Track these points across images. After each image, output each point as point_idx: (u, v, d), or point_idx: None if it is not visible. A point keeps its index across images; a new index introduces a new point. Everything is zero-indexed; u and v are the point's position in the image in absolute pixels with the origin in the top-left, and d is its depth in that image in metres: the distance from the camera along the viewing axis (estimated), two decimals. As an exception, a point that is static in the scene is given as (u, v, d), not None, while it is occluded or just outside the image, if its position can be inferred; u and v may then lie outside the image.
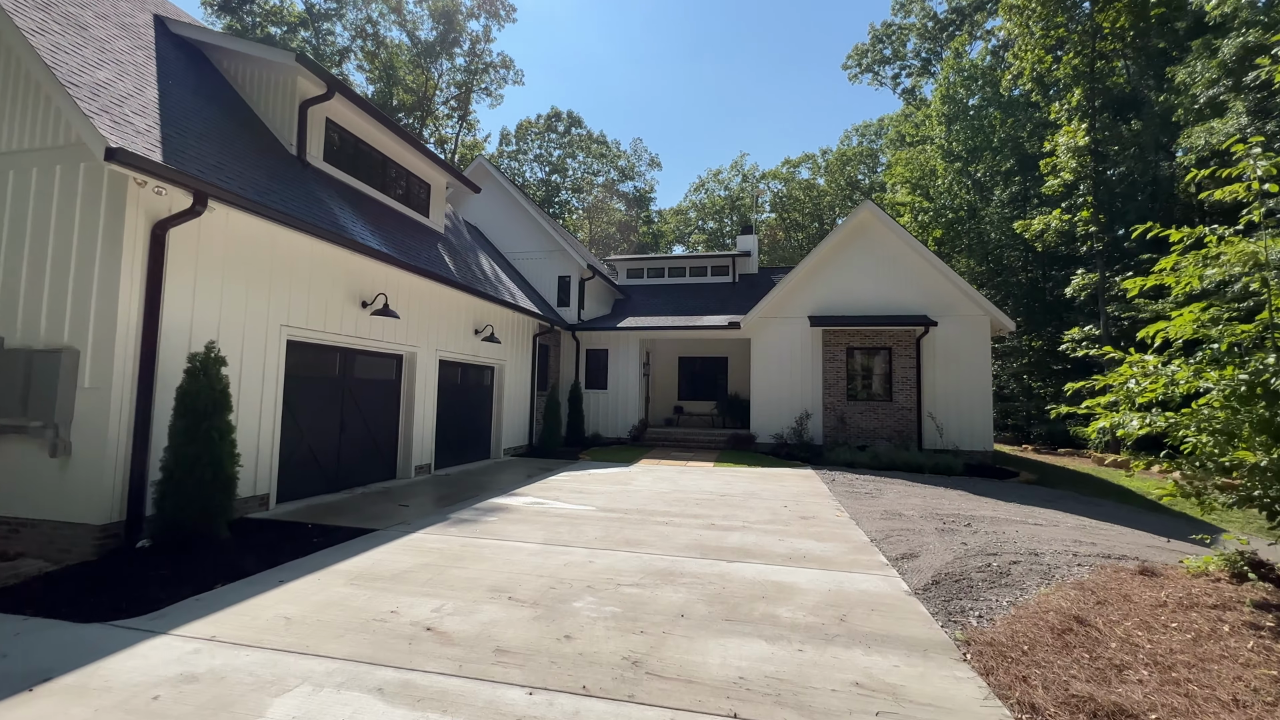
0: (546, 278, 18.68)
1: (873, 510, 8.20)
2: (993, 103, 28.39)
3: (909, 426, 15.35)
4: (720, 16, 68.02)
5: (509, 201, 19.28)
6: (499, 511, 7.33)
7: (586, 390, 17.88)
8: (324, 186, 8.68)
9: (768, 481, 10.63)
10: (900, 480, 11.36)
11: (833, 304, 16.37)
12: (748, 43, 69.79)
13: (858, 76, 42.35)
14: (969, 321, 15.59)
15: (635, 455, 14.27)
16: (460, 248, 13.12)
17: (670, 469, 12.03)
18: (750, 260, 23.05)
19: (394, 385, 9.72)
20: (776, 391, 16.42)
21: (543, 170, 47.96)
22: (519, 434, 14.17)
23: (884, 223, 16.20)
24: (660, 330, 17.59)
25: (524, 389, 14.42)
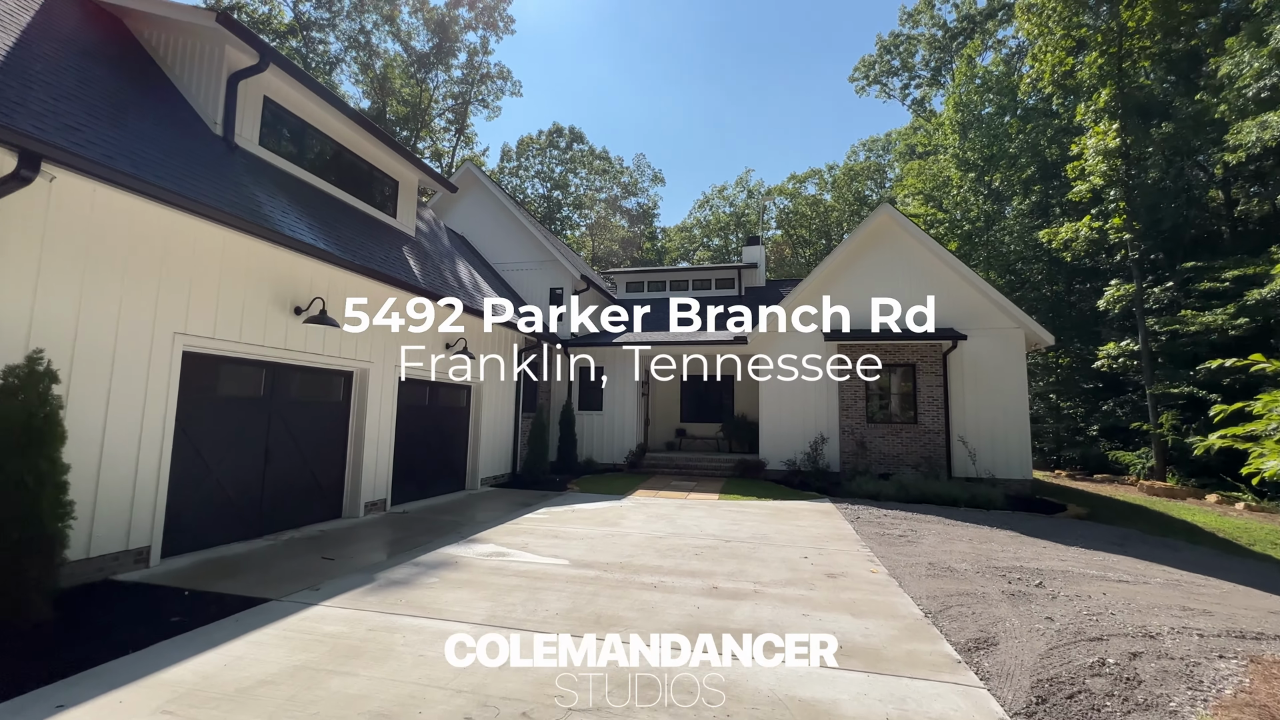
0: (538, 290, 17.33)
1: (914, 562, 6.62)
2: (1009, 110, 27.16)
3: (937, 452, 13.74)
4: (722, 36, 67.89)
5: (498, 210, 18.04)
6: (445, 568, 5.80)
7: (580, 412, 16.39)
8: (254, 173, 7.35)
9: (781, 520, 9.04)
10: (935, 517, 9.75)
11: (850, 314, 14.87)
12: (751, 62, 69.52)
13: (865, 89, 41.39)
14: (1001, 335, 14.06)
15: (630, 485, 12.71)
16: (435, 254, 11.77)
17: (669, 502, 10.46)
18: (757, 272, 21.67)
19: (340, 408, 8.27)
20: (788, 413, 14.87)
21: (544, 186, 47.10)
22: (500, 461, 12.66)
23: (904, 227, 14.79)
24: (659, 345, 16.13)
25: (506, 411, 12.95)
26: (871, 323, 14.67)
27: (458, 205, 18.39)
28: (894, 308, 14.64)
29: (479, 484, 11.63)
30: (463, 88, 31.04)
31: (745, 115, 72.70)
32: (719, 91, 72.35)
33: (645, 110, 73.17)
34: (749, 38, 67.30)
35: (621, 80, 72.58)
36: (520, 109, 64.80)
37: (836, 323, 14.87)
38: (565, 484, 12.74)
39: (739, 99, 71.92)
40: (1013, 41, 33.26)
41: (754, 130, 73.60)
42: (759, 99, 71.42)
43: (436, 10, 28.04)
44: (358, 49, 26.53)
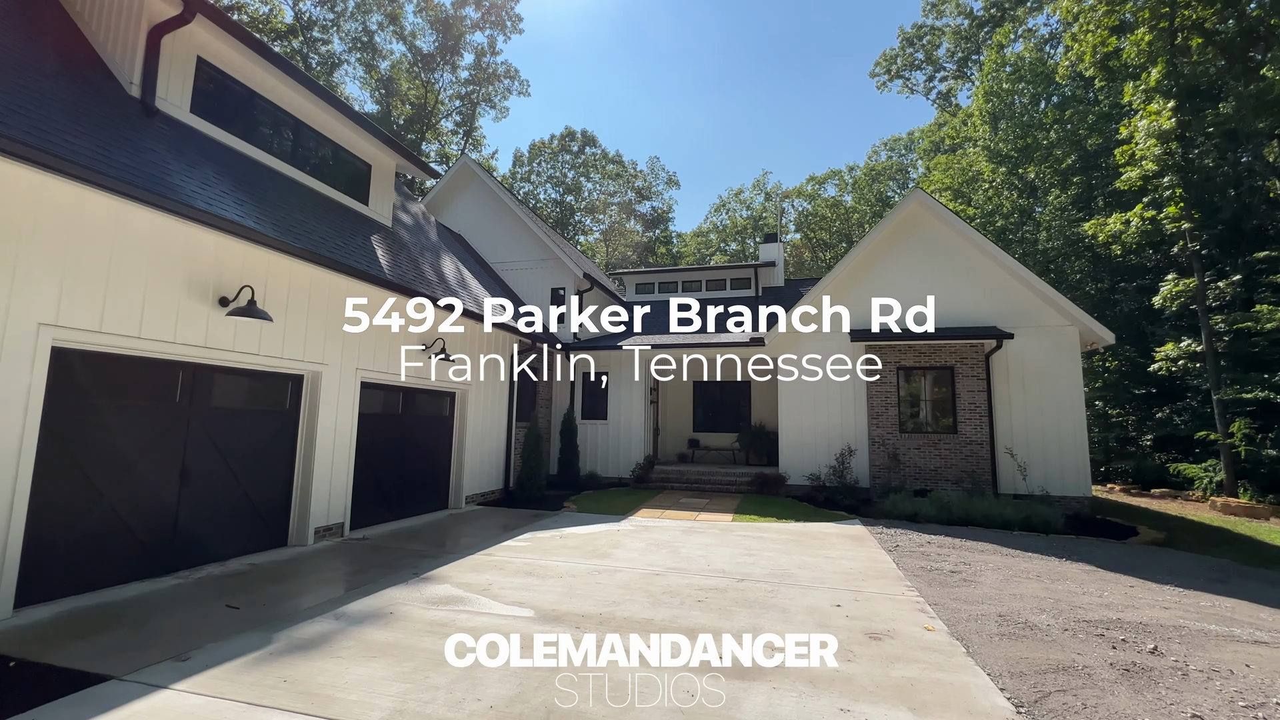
0: (538, 290, 16.16)
1: (979, 612, 5.18)
2: (1043, 97, 25.47)
3: (980, 465, 12.18)
4: (734, 42, 66.80)
5: (496, 206, 16.95)
6: (372, 623, 4.54)
7: (583, 421, 15.13)
8: (176, 141, 6.25)
9: (806, 549, 7.63)
10: (988, 545, 8.25)
11: (879, 313, 13.40)
12: (765, 68, 68.26)
13: (886, 84, 39.87)
14: (1053, 334, 12.48)
15: (634, 503, 11.38)
16: (416, 247, 10.65)
17: (674, 525, 9.11)
18: (775, 271, 20.27)
19: (286, 417, 7.10)
20: (810, 422, 13.43)
21: (557, 192, 46.25)
22: (490, 476, 11.43)
23: (938, 215, 13.32)
24: (669, 349, 14.82)
25: (498, 420, 11.73)
26: (904, 321, 13.20)
27: (455, 203, 17.37)
28: (929, 304, 13.16)
29: (463, 502, 10.40)
30: (470, 88, 30.24)
31: (760, 122, 71.41)
32: (733, 99, 71.23)
33: (659, 119, 72.31)
34: (761, 43, 66.17)
35: (634, 89, 71.90)
36: (531, 116, 64.35)
37: (863, 321, 13.42)
38: (562, 502, 11.46)
39: (753, 106, 70.71)
40: (1044, 29, 31.52)
41: (770, 136, 72.24)
42: (774, 105, 70.11)
43: (442, 9, 27.32)
44: (361, 49, 25.86)
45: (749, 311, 18.55)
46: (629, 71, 70.30)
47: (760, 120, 71.11)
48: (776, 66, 67.74)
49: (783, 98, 69.63)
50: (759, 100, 70.64)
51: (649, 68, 70.57)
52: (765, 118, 71.28)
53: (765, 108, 70.46)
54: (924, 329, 12.97)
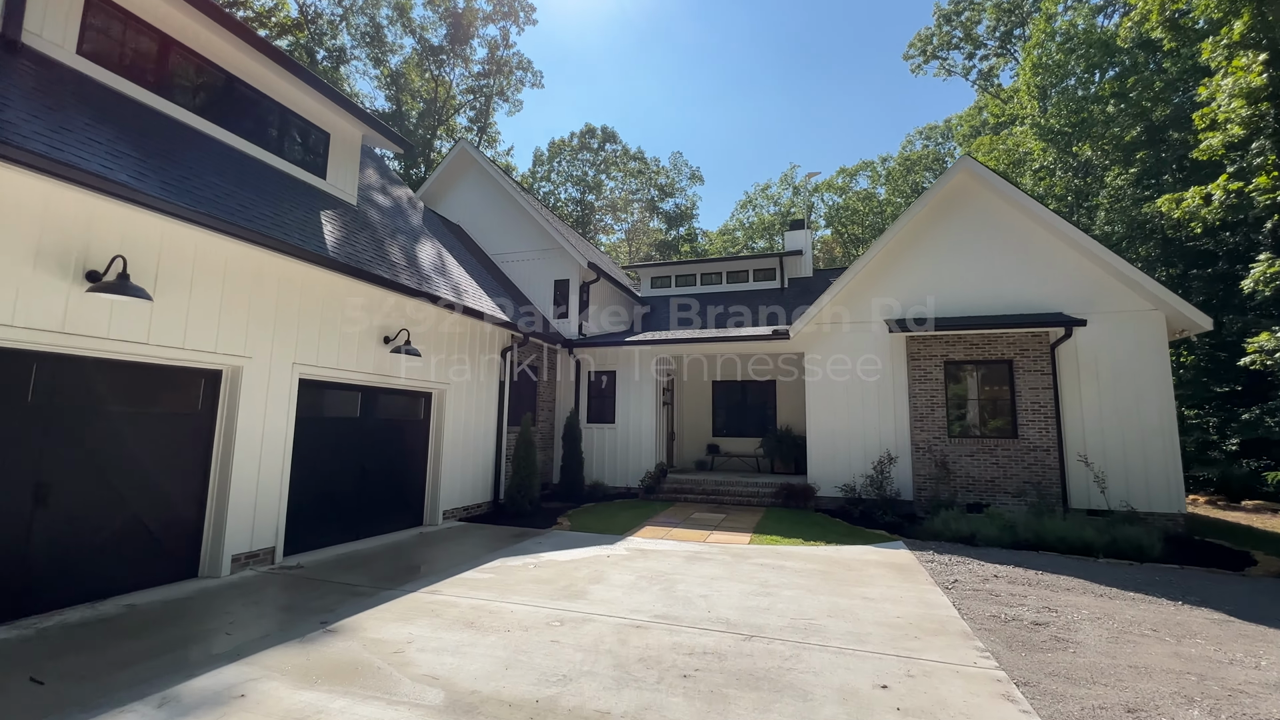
0: (541, 283, 14.88)
1: (1094, 701, 3.55)
2: (1100, 66, 23.15)
3: (1047, 475, 10.34)
4: (759, 41, 64.85)
5: (496, 194, 15.75)
6: (204, 717, 3.19)
7: (588, 425, 13.75)
8: (46, 82, 5.09)
9: (839, 585, 6.04)
10: (1073, 579, 6.52)
11: (920, 301, 11.69)
12: (794, 61, 66.08)
13: (921, 67, 37.55)
14: (1134, 319, 10.58)
15: (638, 518, 9.90)
16: (387, 229, 9.44)
17: (678, 550, 7.61)
18: (802, 261, 18.58)
19: (196, 421, 5.88)
20: (843, 426, 11.76)
21: (577, 191, 45.18)
22: (476, 487, 10.11)
23: (991, 185, 11.52)
24: (682, 344, 13.32)
25: (486, 425, 10.42)
26: (951, 307, 11.45)
27: (453, 192, 16.24)
28: (981, 288, 11.39)
29: (440, 519, 9.09)
30: (483, 82, 29.29)
31: (788, 120, 69.19)
32: (758, 98, 69.18)
33: (682, 123, 70.64)
34: (787, 40, 64.08)
35: (657, 94, 70.50)
36: (552, 122, 63.63)
37: (903, 310, 11.71)
38: (557, 516, 10.07)
39: (780, 104, 68.52)
40: None
41: (798, 134, 69.99)
42: (802, 103, 67.81)
43: (453, 1, 26.46)
44: (370, 44, 25.15)
45: (774, 304, 16.96)
46: (652, 76, 69.08)
47: (788, 119, 68.99)
48: (803, 62, 65.63)
49: (810, 94, 67.42)
50: (786, 98, 68.55)
51: (672, 72, 69.24)
52: (793, 115, 69.13)
53: (793, 106, 68.32)
54: (976, 316, 11.20)
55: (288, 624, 4.52)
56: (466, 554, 7.18)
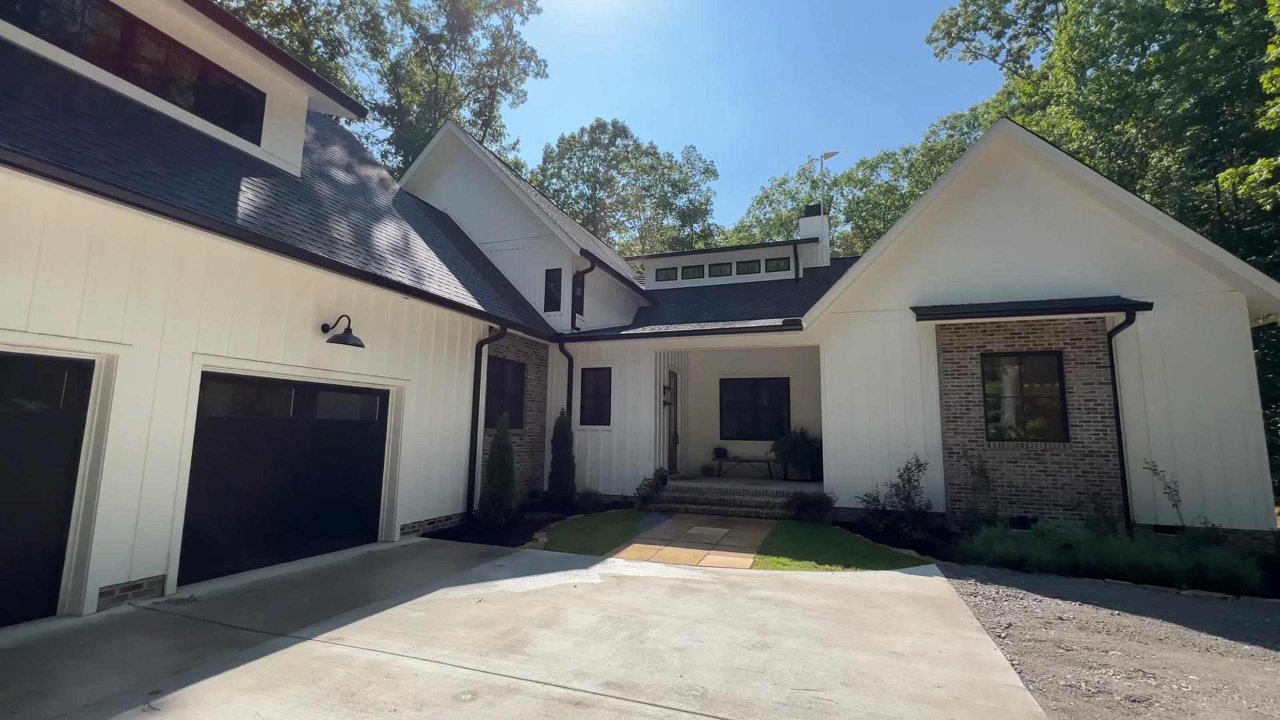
0: (532, 273, 13.72)
1: None
2: (1144, 37, 21.32)
3: (1106, 485, 8.84)
4: (776, 37, 63.19)
5: (484, 178, 14.65)
6: None
7: (581, 427, 12.54)
8: None
9: (858, 633, 4.71)
10: (1162, 622, 5.10)
11: (951, 286, 10.28)
12: (812, 57, 64.28)
13: (945, 50, 35.71)
14: (1208, 303, 9.05)
15: (625, 535, 8.64)
16: (338, 205, 8.35)
17: (661, 577, 6.34)
18: (818, 249, 17.16)
19: (57, 423, 4.78)
20: (865, 426, 10.38)
21: (588, 188, 44.12)
22: (444, 498, 8.96)
23: (1033, 151, 10.05)
24: (684, 338, 12.04)
25: (456, 427, 9.27)
26: (988, 292, 10.03)
27: (441, 178, 15.18)
28: (1023, 269, 9.95)
29: (398, 534, 7.94)
30: (486, 73, 28.28)
31: (805, 116, 67.31)
32: (775, 96, 67.44)
33: (698, 124, 69.12)
34: (803, 36, 62.32)
35: (671, 96, 69.12)
36: (560, 118, 62.76)
37: (932, 295, 10.30)
38: (536, 531, 8.86)
39: (797, 101, 66.70)
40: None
41: (816, 130, 68.13)
42: (819, 98, 65.91)
43: (453, -10, 25.56)
44: (368, 35, 24.33)
45: (788, 296, 15.60)
46: (665, 77, 67.77)
47: (805, 117, 67.13)
48: (820, 59, 63.81)
49: (828, 91, 65.54)
50: (803, 97, 66.74)
51: (686, 73, 67.84)
52: (810, 113, 67.29)
53: (810, 104, 66.47)
54: (1018, 302, 9.75)
55: (103, 701, 3.35)
56: (410, 581, 6.00)
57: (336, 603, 5.22)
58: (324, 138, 10.54)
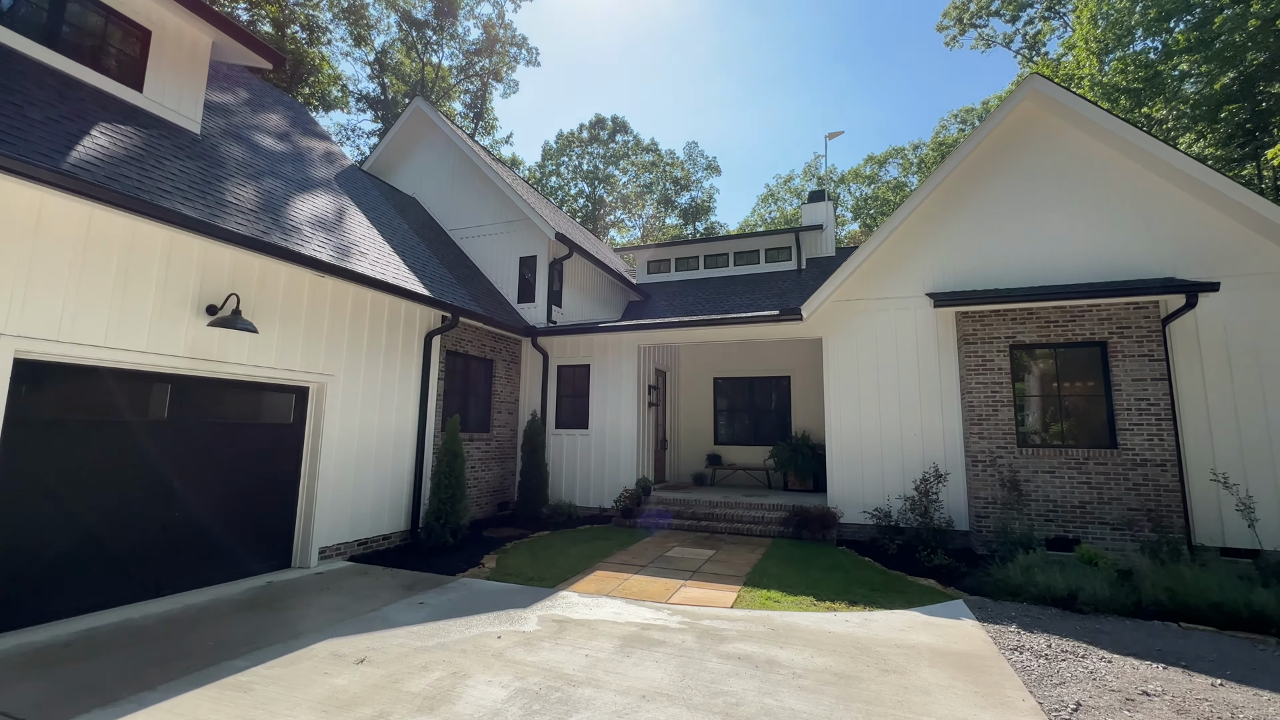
0: (505, 261, 12.46)
1: None
2: (1176, 12, 19.84)
3: (1163, 500, 7.42)
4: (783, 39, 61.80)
5: (454, 159, 13.43)
6: None
7: (557, 432, 11.24)
8: None
9: (868, 717, 3.37)
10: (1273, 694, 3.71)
11: (974, 269, 8.92)
12: (821, 59, 62.88)
13: (956, 39, 34.30)
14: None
15: (589, 558, 7.31)
16: (246, 169, 7.11)
17: (615, 622, 5.01)
18: (822, 237, 15.81)
19: None
20: (874, 431, 9.03)
21: (588, 185, 42.91)
22: (382, 513, 7.68)
23: (1069, 113, 8.67)
24: (670, 330, 10.73)
25: (398, 431, 8.00)
26: (1017, 274, 8.67)
27: (409, 160, 13.98)
28: (1058, 248, 8.58)
29: (315, 558, 6.66)
30: (476, 62, 27.11)
31: (810, 120, 65.83)
32: (781, 99, 65.87)
33: (699, 125, 67.52)
34: (812, 38, 60.91)
35: (670, 94, 67.82)
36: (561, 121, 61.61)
37: (951, 279, 8.95)
38: (487, 552, 7.55)
39: (805, 103, 65.15)
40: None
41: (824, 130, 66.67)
42: (827, 100, 64.36)
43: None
44: (351, 20, 23.24)
45: (789, 288, 14.27)
46: (667, 81, 66.49)
47: (811, 115, 65.54)
48: (827, 56, 62.35)
49: (835, 87, 64.01)
50: (809, 94, 65.24)
51: (691, 76, 66.51)
52: (816, 115, 65.79)
53: (816, 105, 64.91)
54: (1053, 286, 8.39)
55: None
56: (292, 627, 4.71)
57: (174, 662, 3.94)
58: (260, 104, 9.34)
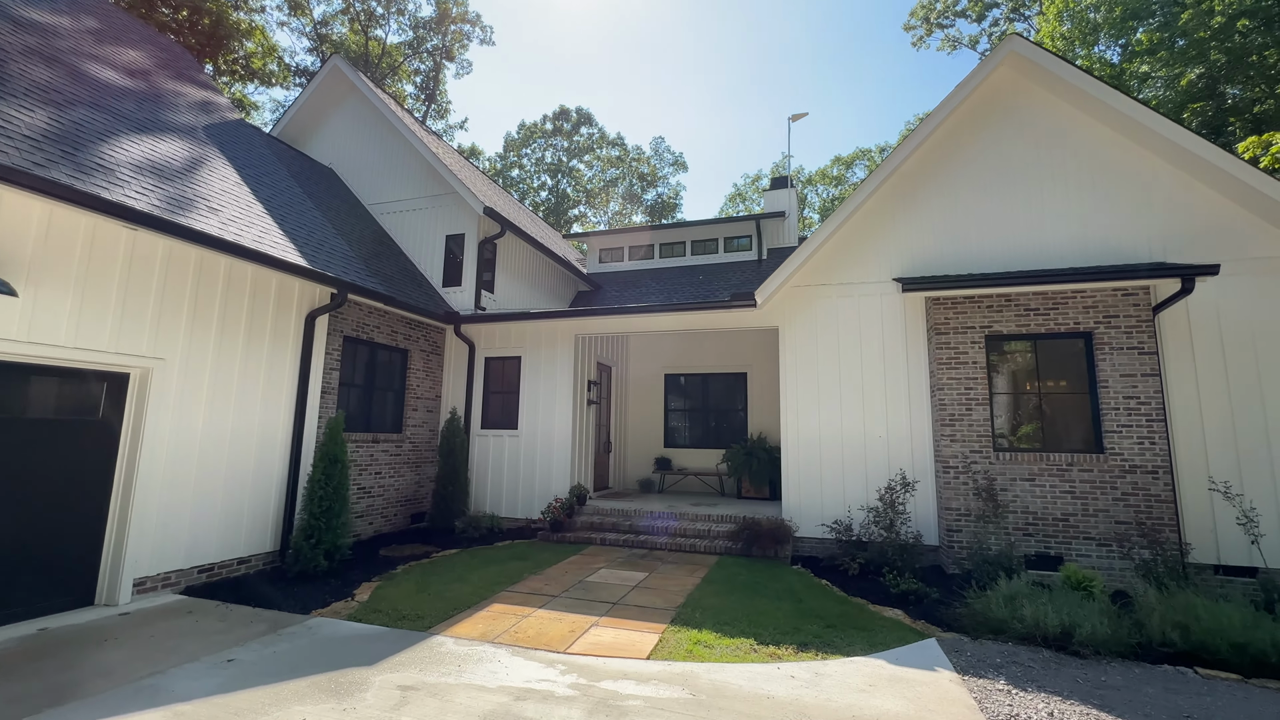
0: (431, 240, 11.05)
1: None
2: (1137, 15, 19.57)
3: (1155, 512, 6.52)
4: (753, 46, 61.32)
5: (377, 125, 11.95)
6: None
7: (483, 432, 9.90)
8: None
9: None
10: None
11: (947, 252, 7.96)
12: (788, 67, 62.57)
13: (924, 40, 34.02)
14: None
15: (491, 586, 6.02)
16: (29, 85, 5.63)
17: (486, 688, 3.74)
18: (785, 226, 14.82)
19: None
20: (833, 433, 7.97)
21: (551, 178, 41.41)
22: (236, 533, 6.24)
23: (1051, 80, 7.75)
24: (610, 317, 9.50)
25: (261, 432, 6.57)
26: (995, 258, 7.73)
27: (327, 126, 12.44)
28: (1038, 229, 7.67)
29: (128, 593, 5.20)
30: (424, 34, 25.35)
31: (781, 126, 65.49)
32: (752, 106, 65.31)
33: (670, 131, 66.55)
34: (780, 46, 60.59)
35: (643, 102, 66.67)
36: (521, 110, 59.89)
37: (925, 261, 7.97)
38: (367, 579, 6.19)
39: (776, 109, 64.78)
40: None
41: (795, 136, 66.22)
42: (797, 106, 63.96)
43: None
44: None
45: (749, 279, 13.22)
46: (638, 84, 65.31)
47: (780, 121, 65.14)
48: (798, 63, 62.11)
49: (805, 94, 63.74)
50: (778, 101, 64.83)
51: (658, 80, 65.36)
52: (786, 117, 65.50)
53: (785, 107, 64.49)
54: (1033, 271, 7.47)
55: None
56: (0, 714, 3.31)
57: None
58: (114, 36, 7.78)
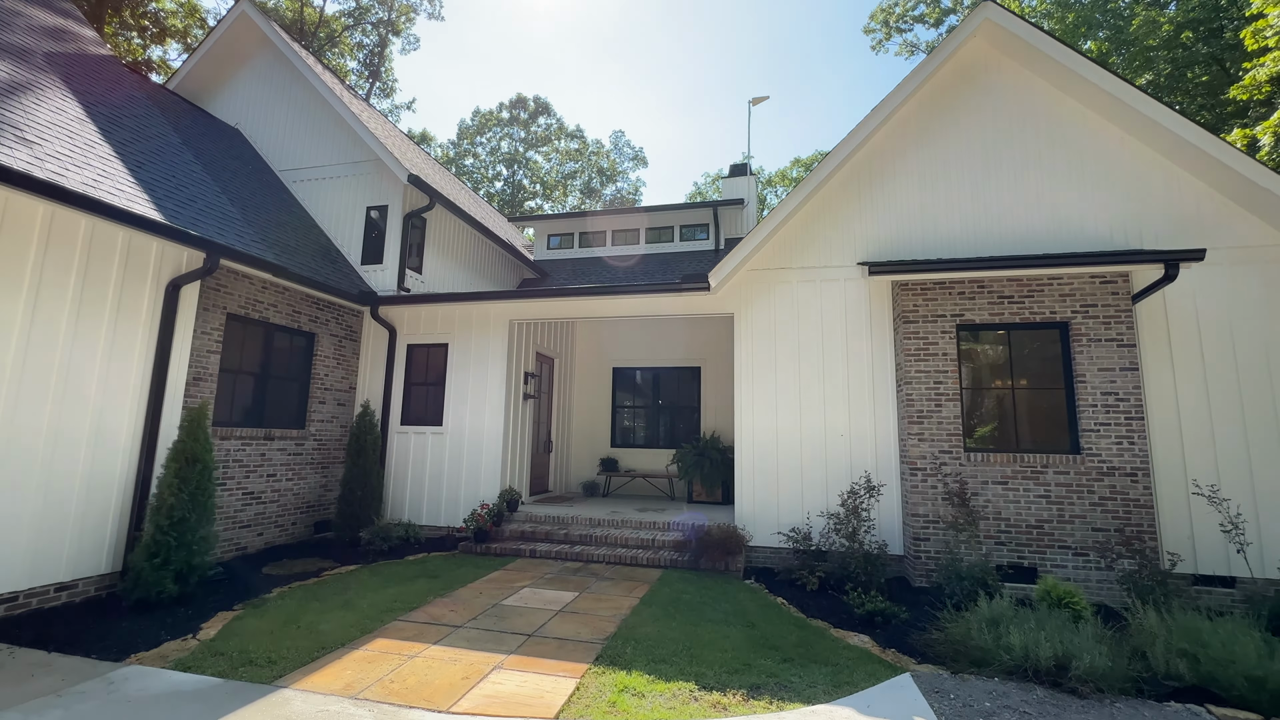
0: (350, 212, 9.81)
1: None
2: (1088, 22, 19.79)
3: (1132, 516, 5.97)
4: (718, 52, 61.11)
5: (292, 83, 10.61)
6: None
7: (403, 429, 8.75)
8: None
9: None
10: None
11: (916, 235, 7.29)
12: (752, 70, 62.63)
13: (882, 44, 34.19)
14: (1264, 258, 6.42)
15: (386, 612, 4.95)
16: None
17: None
18: (743, 214, 14.10)
19: None
20: (791, 431, 7.20)
21: (507, 169, 39.92)
22: (59, 552, 4.98)
23: (1029, 53, 7.17)
24: (550, 301, 8.50)
25: (97, 424, 5.32)
26: (966, 241, 7.11)
27: (234, 82, 11.00)
28: (1011, 211, 7.10)
29: (-123, 635, 3.92)
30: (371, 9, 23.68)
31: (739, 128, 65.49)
32: (719, 108, 65.21)
33: (630, 130, 65.69)
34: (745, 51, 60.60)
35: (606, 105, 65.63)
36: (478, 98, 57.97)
37: (890, 244, 7.29)
38: (227, 606, 5.03)
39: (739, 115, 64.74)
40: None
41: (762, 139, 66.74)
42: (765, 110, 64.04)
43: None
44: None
45: (706, 268, 12.44)
46: (600, 84, 64.22)
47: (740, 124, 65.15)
48: (760, 65, 62.26)
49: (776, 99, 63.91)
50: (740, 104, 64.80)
51: (625, 83, 64.52)
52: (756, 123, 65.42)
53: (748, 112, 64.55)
54: (1007, 256, 6.88)
55: None
56: None
57: None
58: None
